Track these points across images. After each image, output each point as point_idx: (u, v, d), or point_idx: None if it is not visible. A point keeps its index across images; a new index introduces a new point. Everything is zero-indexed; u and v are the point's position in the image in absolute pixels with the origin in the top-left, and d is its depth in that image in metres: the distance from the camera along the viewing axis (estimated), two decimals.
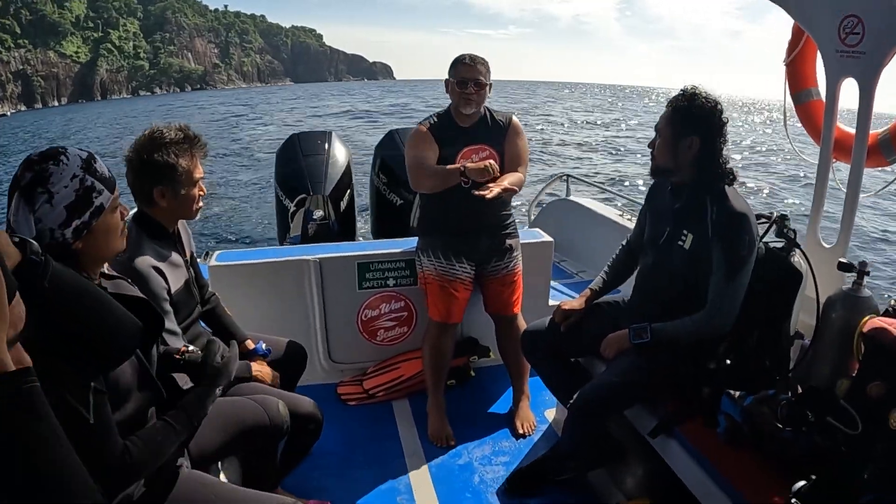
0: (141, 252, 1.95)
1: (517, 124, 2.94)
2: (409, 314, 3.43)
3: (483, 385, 3.40)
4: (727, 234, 2.09)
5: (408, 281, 3.32)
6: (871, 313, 2.05)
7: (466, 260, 2.92)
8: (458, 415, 3.04)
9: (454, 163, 2.80)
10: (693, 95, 2.14)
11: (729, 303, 2.11)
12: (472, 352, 3.46)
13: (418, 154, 2.81)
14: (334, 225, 4.35)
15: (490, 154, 2.85)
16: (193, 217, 2.14)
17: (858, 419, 1.80)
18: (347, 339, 3.39)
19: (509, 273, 2.99)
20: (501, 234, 2.97)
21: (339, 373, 3.41)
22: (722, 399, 2.06)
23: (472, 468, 2.73)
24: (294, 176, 4.43)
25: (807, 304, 2.28)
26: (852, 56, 2.32)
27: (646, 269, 2.41)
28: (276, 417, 1.98)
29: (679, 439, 2.08)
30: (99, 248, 1.41)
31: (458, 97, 2.80)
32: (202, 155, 2.08)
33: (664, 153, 2.20)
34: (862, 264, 2.13)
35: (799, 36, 2.79)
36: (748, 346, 2.18)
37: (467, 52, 2.84)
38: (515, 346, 2.97)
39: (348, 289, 3.30)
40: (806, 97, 2.91)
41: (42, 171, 1.30)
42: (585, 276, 4.48)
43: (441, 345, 2.99)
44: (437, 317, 2.97)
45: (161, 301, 1.94)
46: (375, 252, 3.31)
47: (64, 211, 1.31)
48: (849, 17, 2.29)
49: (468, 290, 2.96)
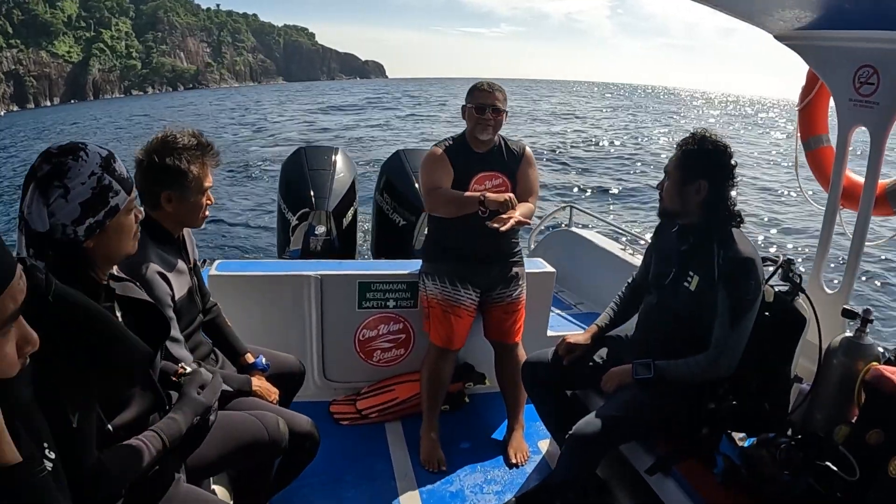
0: (146, 257, 1.93)
1: (530, 155, 2.97)
2: (407, 336, 3.41)
3: (477, 412, 3.37)
4: (733, 278, 2.09)
5: (408, 303, 3.31)
6: (872, 361, 2.06)
7: (472, 287, 2.92)
8: (450, 440, 3.02)
9: (467, 188, 2.81)
10: (702, 139, 2.16)
11: (732, 347, 2.11)
12: (468, 378, 3.44)
13: (434, 177, 2.82)
14: (336, 241, 4.34)
15: (503, 182, 2.87)
16: (199, 225, 2.13)
17: (857, 466, 1.80)
18: (343, 358, 3.36)
19: (513, 301, 2.99)
20: (509, 262, 2.98)
21: (332, 391, 3.38)
22: (721, 440, 2.05)
23: (464, 496, 2.70)
24: (298, 189, 4.42)
25: (807, 349, 2.29)
26: (866, 106, 2.35)
27: (650, 307, 2.41)
28: (275, 434, 1.96)
29: (676, 478, 2.07)
30: (110, 249, 1.40)
31: (475, 122, 2.81)
32: (214, 164, 2.08)
33: (672, 196, 2.22)
34: (866, 312, 2.15)
35: (813, 82, 2.83)
36: (749, 388, 2.18)
37: (484, 80, 2.87)
38: (514, 375, 2.96)
39: (347, 307, 3.28)
40: (816, 143, 2.95)
41: (60, 164, 1.29)
42: (584, 307, 4.47)
43: (440, 369, 2.98)
44: (438, 342, 2.96)
45: (165, 308, 1.92)
46: (377, 272, 3.31)
47: (79, 207, 1.30)
48: (864, 67, 2.33)
49: (471, 317, 2.96)
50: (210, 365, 2.25)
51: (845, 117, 2.47)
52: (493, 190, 2.83)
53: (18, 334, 0.83)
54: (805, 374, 2.29)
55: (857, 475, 1.79)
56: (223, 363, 2.36)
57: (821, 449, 1.89)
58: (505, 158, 2.91)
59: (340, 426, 3.15)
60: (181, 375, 1.63)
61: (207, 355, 2.29)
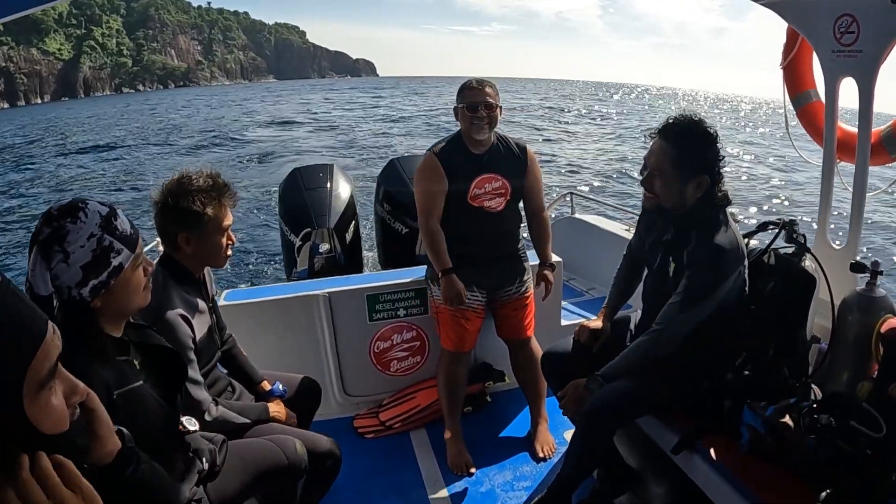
0: (169, 300, 1.94)
1: (532, 154, 2.93)
2: (421, 343, 3.41)
3: (500, 410, 3.36)
4: (695, 266, 2.05)
5: (418, 310, 3.31)
6: (887, 313, 2.03)
7: (478, 289, 2.89)
8: (476, 441, 3.01)
9: (466, 192, 2.77)
10: (695, 131, 2.06)
11: (676, 328, 2.08)
12: (488, 377, 3.43)
13: (427, 194, 2.79)
14: (341, 257, 4.35)
15: (503, 185, 2.82)
16: (222, 265, 2.13)
17: (882, 422, 1.77)
18: (361, 372, 3.37)
19: (521, 297, 2.98)
20: (513, 259, 2.96)
21: (354, 406, 3.39)
22: (744, 411, 2.03)
23: (495, 495, 2.70)
24: (298, 210, 4.44)
25: (821, 308, 2.25)
26: (849, 55, 2.32)
27: (648, 292, 2.39)
28: (293, 457, 1.96)
29: (702, 454, 2.05)
30: (119, 305, 1.39)
31: (468, 122, 2.73)
32: (231, 204, 2.07)
33: (670, 194, 2.10)
34: (874, 264, 2.12)
35: (794, 39, 2.80)
36: (766, 355, 2.15)
37: (473, 77, 2.81)
38: (531, 369, 2.95)
39: (359, 321, 3.29)
40: (805, 99, 2.92)
41: (59, 228, 1.28)
42: (595, 293, 4.45)
43: (455, 373, 2.97)
44: (449, 346, 2.95)
45: (187, 350, 1.93)
46: (384, 283, 3.30)
47: (80, 271, 1.28)
48: (843, 17, 2.30)
49: (480, 319, 2.94)
50: (227, 397, 2.26)
51: (830, 69, 2.44)
52: (493, 192, 2.81)
53: (64, 387, 0.82)
54: (822, 332, 2.26)
55: (883, 431, 1.75)
56: (241, 393, 2.37)
57: (844, 408, 1.86)
58: (505, 159, 2.85)
59: (366, 440, 3.16)
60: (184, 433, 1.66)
61: (225, 389, 2.30)
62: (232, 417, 2.08)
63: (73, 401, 0.85)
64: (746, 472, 1.90)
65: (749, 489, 1.83)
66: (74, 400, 0.85)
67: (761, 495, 1.80)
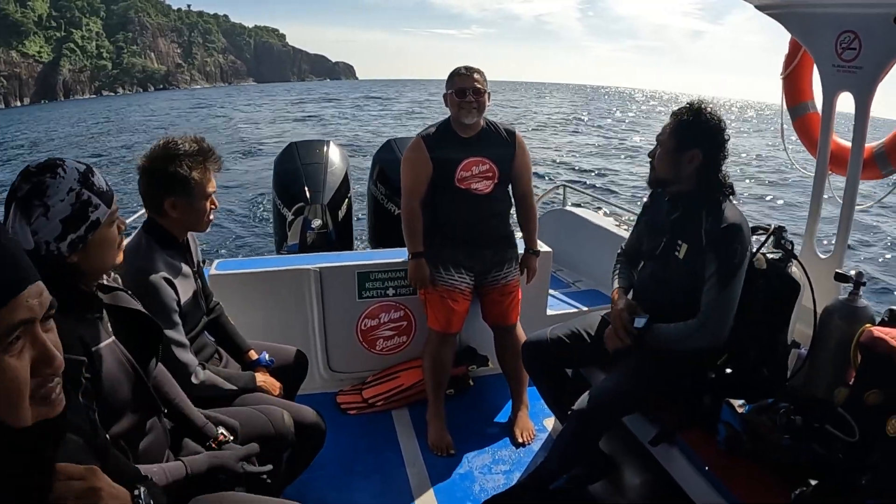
0: (153, 263, 1.96)
1: (521, 139, 2.98)
2: (408, 323, 3.44)
3: (482, 394, 3.41)
4: (720, 243, 2.10)
5: (407, 290, 3.34)
6: (867, 323, 2.08)
7: (466, 271, 2.94)
8: (457, 424, 3.05)
9: (453, 175, 2.83)
10: (699, 110, 2.16)
11: (721, 312, 2.12)
12: (471, 361, 3.48)
13: (410, 178, 2.91)
14: (332, 234, 4.35)
15: (490, 168, 2.88)
16: (204, 229, 2.14)
17: (856, 427, 1.83)
18: (347, 349, 3.39)
19: (508, 283, 3.02)
20: (502, 245, 3.01)
21: (338, 382, 3.42)
22: (722, 408, 2.08)
23: (473, 477, 2.75)
24: (292, 184, 4.42)
25: (804, 315, 2.32)
26: (849, 71, 2.36)
27: (644, 279, 2.43)
28: (280, 427, 1.99)
29: (680, 447, 2.10)
30: (95, 262, 1.41)
31: (457, 107, 2.81)
32: (216, 168, 2.09)
33: (665, 164, 2.22)
34: (858, 275, 2.17)
35: (795, 50, 2.83)
36: (748, 356, 2.21)
37: (461, 65, 2.87)
38: (514, 356, 2.99)
39: (348, 298, 3.31)
40: (802, 110, 2.96)
41: (39, 183, 1.30)
42: (582, 285, 4.50)
43: (441, 354, 3.01)
44: (437, 326, 2.99)
45: (171, 313, 1.95)
46: (375, 262, 3.33)
47: (59, 224, 1.31)
48: (846, 33, 2.33)
49: (467, 301, 2.98)
50: (214, 364, 2.28)
51: (829, 83, 2.48)
52: (480, 175, 2.86)
53: (34, 353, 0.77)
54: (803, 339, 2.32)
55: (856, 436, 1.81)
56: (227, 362, 2.39)
57: (820, 412, 1.92)
58: (493, 143, 2.91)
59: (348, 416, 3.19)
60: (220, 443, 1.76)
61: (212, 355, 2.32)
62: (219, 383, 2.10)
63: (46, 373, 0.79)
64: (722, 468, 1.95)
65: (724, 484, 1.88)
66: (47, 372, 0.79)
67: (735, 491, 1.85)
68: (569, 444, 2.26)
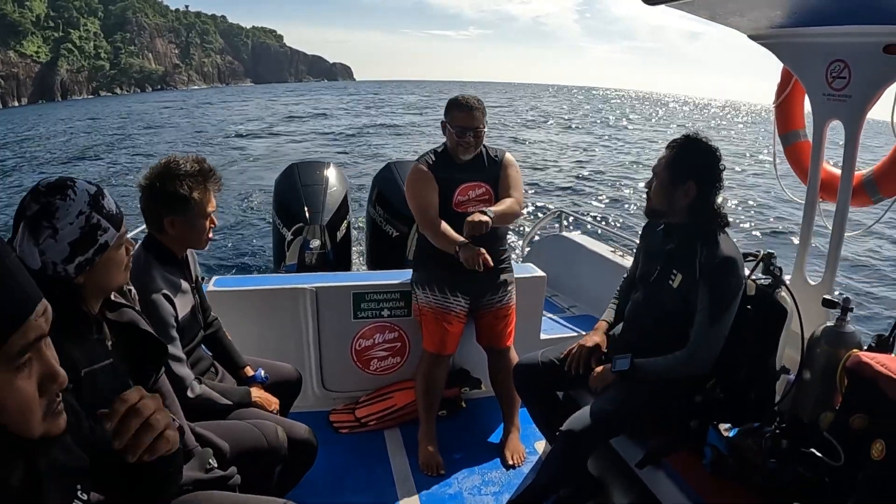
0: (151, 280, 1.99)
1: (509, 158, 3.02)
2: (402, 344, 3.46)
3: (474, 416, 3.41)
4: (714, 277, 2.14)
5: (402, 312, 3.36)
6: (854, 348, 2.10)
7: (461, 294, 2.97)
8: (448, 445, 3.06)
9: (451, 198, 2.88)
10: (694, 141, 2.21)
11: (709, 345, 2.16)
12: (464, 383, 3.49)
13: (423, 197, 2.86)
14: (330, 254, 4.39)
15: (486, 191, 2.93)
16: (203, 247, 2.19)
17: (841, 451, 1.84)
18: (341, 368, 3.41)
19: (503, 307, 3.05)
20: (498, 268, 3.02)
21: (331, 401, 3.43)
22: (709, 431, 2.10)
23: (462, 498, 2.74)
24: (292, 205, 4.48)
25: (792, 339, 2.34)
26: (838, 99, 2.41)
27: (636, 304, 2.46)
28: (274, 441, 2.01)
29: (667, 470, 2.11)
30: (100, 282, 1.42)
31: (455, 143, 2.87)
32: (216, 188, 2.13)
33: (660, 196, 2.26)
34: (845, 301, 2.19)
35: (787, 79, 2.90)
36: (736, 380, 2.23)
37: (461, 95, 2.90)
38: (507, 379, 3.00)
39: (343, 318, 3.33)
40: (794, 138, 3.02)
41: (48, 204, 1.30)
42: (577, 310, 4.52)
43: (434, 375, 3.03)
44: (431, 348, 3.01)
45: (169, 328, 1.98)
46: (371, 283, 3.35)
47: (68, 247, 1.31)
48: (836, 62, 2.39)
49: (462, 323, 3.01)
50: (210, 378, 2.30)
51: (820, 111, 2.53)
52: (477, 199, 2.91)
53: (40, 370, 0.80)
54: (791, 364, 2.33)
55: (841, 460, 1.83)
56: (223, 376, 2.41)
57: (805, 436, 1.94)
58: (486, 166, 2.97)
59: (340, 435, 3.19)
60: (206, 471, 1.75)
61: (208, 369, 2.35)
62: (214, 397, 2.12)
63: (52, 389, 0.82)
64: (708, 491, 1.96)
65: None
66: (53, 388, 0.82)
67: None
68: (557, 463, 2.26)
